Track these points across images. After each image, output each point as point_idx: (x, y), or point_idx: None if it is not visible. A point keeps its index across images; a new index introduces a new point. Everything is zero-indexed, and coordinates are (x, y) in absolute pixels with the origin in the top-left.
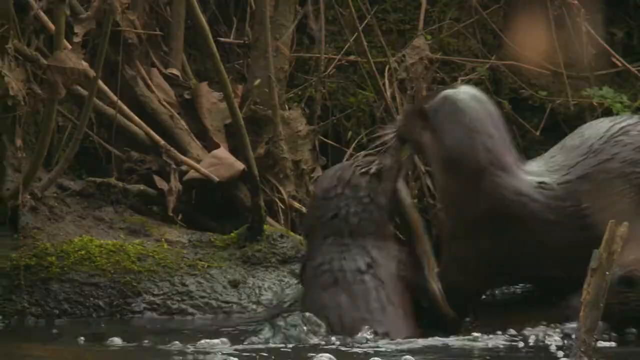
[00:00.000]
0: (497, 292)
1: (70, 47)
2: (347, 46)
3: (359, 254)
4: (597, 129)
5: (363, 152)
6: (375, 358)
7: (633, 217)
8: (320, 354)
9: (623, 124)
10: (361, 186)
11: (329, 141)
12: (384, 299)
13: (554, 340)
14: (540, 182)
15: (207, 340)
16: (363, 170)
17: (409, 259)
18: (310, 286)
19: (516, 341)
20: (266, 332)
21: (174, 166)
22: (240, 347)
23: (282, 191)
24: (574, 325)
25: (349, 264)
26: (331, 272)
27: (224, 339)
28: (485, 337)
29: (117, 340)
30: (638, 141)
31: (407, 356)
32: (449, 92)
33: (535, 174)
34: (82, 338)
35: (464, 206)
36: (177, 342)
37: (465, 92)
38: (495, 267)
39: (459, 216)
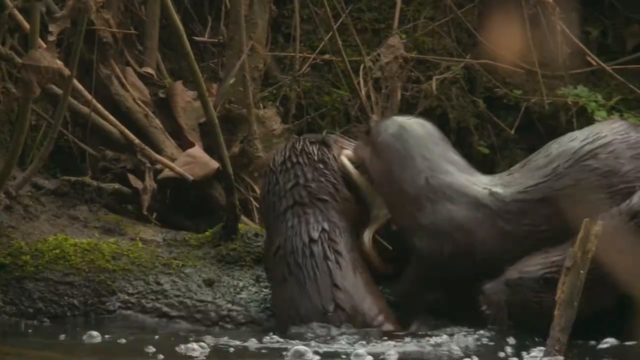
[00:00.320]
0: None
1: (45, 45)
2: (321, 45)
3: (317, 221)
4: (565, 148)
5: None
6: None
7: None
8: (296, 346)
9: (594, 146)
10: (314, 153)
11: None
12: (338, 275)
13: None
14: (492, 191)
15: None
16: (312, 140)
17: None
18: (270, 281)
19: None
20: None
21: (148, 165)
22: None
23: (257, 190)
24: None
25: (304, 238)
26: (284, 259)
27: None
28: (462, 335)
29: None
30: (607, 165)
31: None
32: (396, 116)
33: (487, 184)
34: (62, 336)
35: (407, 212)
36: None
37: (410, 118)
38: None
39: (404, 223)
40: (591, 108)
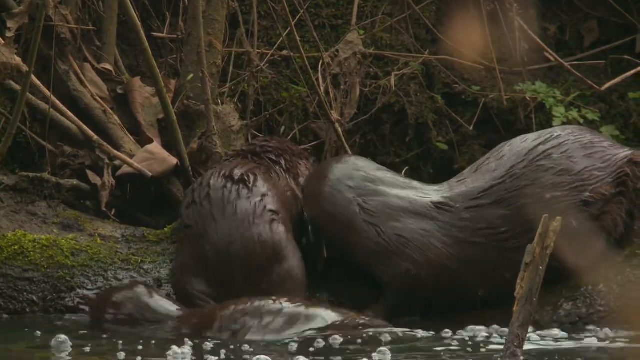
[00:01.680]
0: None
1: (3, 41)
2: (279, 41)
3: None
4: (518, 149)
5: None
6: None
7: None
8: (257, 356)
9: (546, 147)
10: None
11: (262, 136)
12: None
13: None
14: (437, 202)
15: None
16: None
17: None
18: None
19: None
20: None
21: (107, 161)
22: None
23: None
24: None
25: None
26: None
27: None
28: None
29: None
30: (560, 164)
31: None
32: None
33: (431, 196)
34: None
35: (354, 244)
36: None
37: (332, 159)
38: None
39: (358, 257)
40: (549, 104)
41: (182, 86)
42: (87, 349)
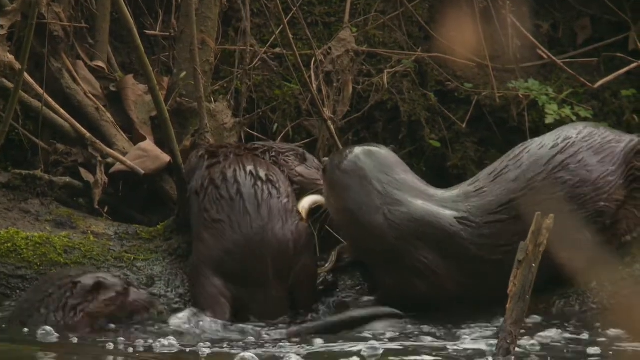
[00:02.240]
0: None
1: None
2: (272, 39)
3: None
4: (536, 158)
5: None
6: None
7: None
8: (243, 353)
9: (564, 157)
10: None
11: (255, 133)
12: None
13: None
14: (459, 217)
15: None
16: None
17: None
18: None
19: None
20: None
21: (99, 159)
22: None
23: None
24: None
25: None
26: None
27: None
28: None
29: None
30: (577, 175)
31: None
32: (346, 149)
33: (452, 207)
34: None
35: (371, 251)
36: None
37: (359, 148)
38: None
39: (370, 262)
40: (542, 101)
41: (175, 84)
42: (75, 340)
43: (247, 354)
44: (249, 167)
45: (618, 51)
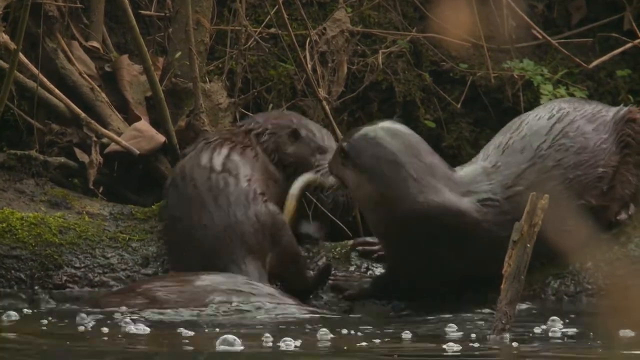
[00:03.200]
0: None
1: None
2: (267, 19)
3: None
4: (537, 127)
5: None
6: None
7: (574, 221)
8: (224, 335)
9: (562, 125)
10: None
11: (250, 114)
12: None
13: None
14: (483, 200)
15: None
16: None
17: None
18: None
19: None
20: None
21: (94, 139)
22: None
23: None
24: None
25: None
26: None
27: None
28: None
29: None
30: (577, 142)
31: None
32: (367, 130)
33: (477, 190)
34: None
35: (398, 234)
36: None
37: (382, 129)
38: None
39: (395, 243)
40: (537, 82)
41: (170, 64)
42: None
43: (229, 336)
44: (204, 161)
45: (613, 31)
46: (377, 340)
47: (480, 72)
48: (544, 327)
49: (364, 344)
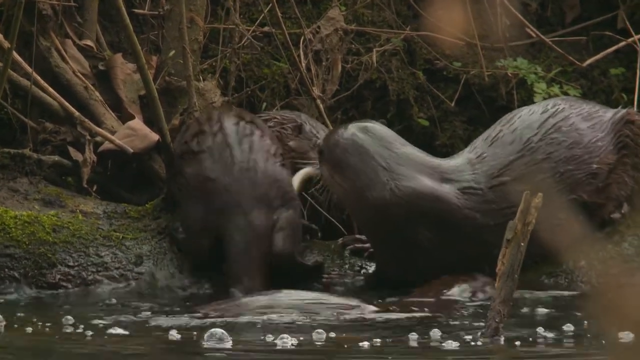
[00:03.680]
0: None
1: None
2: (261, 17)
3: None
4: (529, 121)
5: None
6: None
7: (565, 215)
8: (214, 329)
9: (556, 120)
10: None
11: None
12: None
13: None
14: (465, 188)
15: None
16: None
17: None
18: None
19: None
20: None
21: (88, 137)
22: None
23: None
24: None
25: None
26: None
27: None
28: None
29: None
30: (570, 137)
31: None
32: (340, 128)
33: (459, 179)
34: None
35: (376, 224)
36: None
37: (354, 126)
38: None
39: (377, 235)
40: (531, 80)
41: (164, 62)
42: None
43: (217, 330)
44: (234, 113)
45: (607, 30)
46: (365, 342)
47: (474, 70)
48: (537, 325)
49: (363, 343)
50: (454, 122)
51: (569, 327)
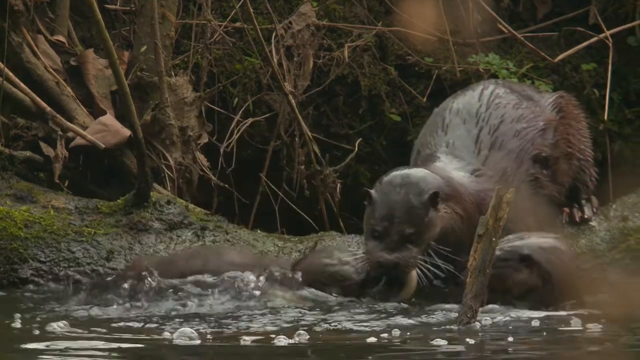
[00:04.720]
0: None
1: None
2: (233, 12)
3: None
4: (466, 99)
5: None
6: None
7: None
8: (182, 328)
9: (490, 90)
10: None
11: (216, 108)
12: None
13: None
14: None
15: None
16: None
17: None
18: None
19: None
20: None
21: (60, 133)
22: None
23: (169, 158)
24: None
25: None
26: None
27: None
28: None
29: None
30: (511, 99)
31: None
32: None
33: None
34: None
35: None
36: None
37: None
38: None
39: None
40: (502, 75)
41: (136, 58)
42: None
43: (186, 329)
44: None
45: (578, 25)
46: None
47: (445, 66)
48: (509, 319)
49: (349, 340)
50: (426, 118)
51: (538, 322)
